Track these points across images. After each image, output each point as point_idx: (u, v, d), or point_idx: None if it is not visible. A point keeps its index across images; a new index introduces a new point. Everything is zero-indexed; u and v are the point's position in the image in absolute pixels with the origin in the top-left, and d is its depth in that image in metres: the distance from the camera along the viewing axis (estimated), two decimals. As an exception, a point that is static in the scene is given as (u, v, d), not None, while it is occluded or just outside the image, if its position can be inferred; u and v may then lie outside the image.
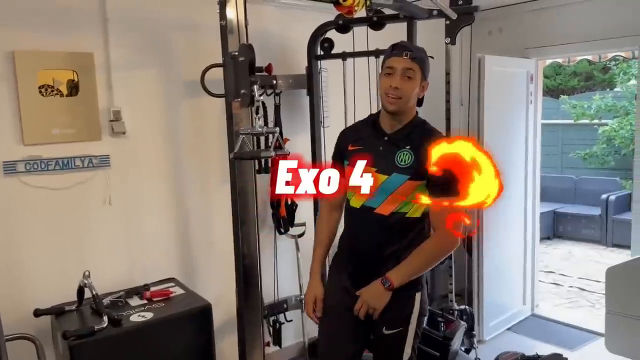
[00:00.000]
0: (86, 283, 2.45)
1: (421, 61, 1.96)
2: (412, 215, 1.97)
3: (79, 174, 2.76)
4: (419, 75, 1.96)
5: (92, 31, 2.76)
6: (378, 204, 1.98)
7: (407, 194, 1.93)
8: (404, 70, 1.93)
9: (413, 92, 1.96)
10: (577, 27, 3.90)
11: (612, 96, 8.66)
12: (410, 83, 1.94)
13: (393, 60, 1.96)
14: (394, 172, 1.94)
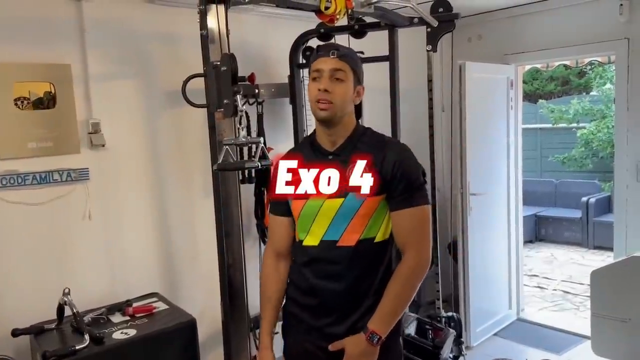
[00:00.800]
0: (66, 300, 2.38)
1: (352, 61, 1.72)
2: (382, 239, 1.70)
3: (57, 188, 2.69)
4: (351, 77, 1.71)
5: (69, 42, 2.70)
6: (339, 234, 1.68)
7: (370, 214, 1.67)
8: (332, 71, 1.67)
9: (346, 96, 1.70)
10: (555, 33, 3.96)
11: (589, 100, 8.81)
12: (342, 86, 1.68)
13: (319, 61, 1.70)
14: (349, 193, 1.67)
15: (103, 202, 2.84)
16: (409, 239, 1.67)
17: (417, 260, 1.67)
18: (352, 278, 1.69)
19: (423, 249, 1.68)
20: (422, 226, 1.69)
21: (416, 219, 1.68)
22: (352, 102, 1.74)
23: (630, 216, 3.64)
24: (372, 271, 1.70)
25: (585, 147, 8.34)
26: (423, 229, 1.69)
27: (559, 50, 4.01)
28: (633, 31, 3.54)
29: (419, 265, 1.67)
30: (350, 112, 1.76)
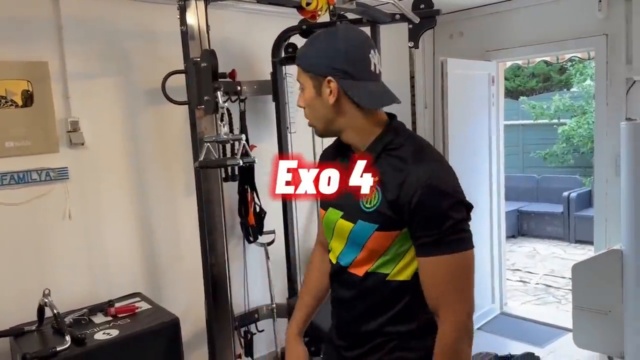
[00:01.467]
0: (46, 301, 2.35)
1: (302, 61, 1.38)
2: (396, 278, 1.35)
3: (36, 187, 2.65)
4: (308, 80, 1.36)
5: (47, 40, 2.66)
6: (350, 260, 1.40)
7: (383, 249, 1.34)
8: (300, 84, 1.40)
9: (311, 104, 1.37)
10: (535, 30, 3.99)
11: (569, 96, 8.92)
12: (303, 96, 1.39)
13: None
14: (359, 219, 1.35)
15: (83, 201, 2.80)
16: (439, 298, 1.30)
17: (455, 330, 1.28)
18: (360, 310, 1.42)
19: (460, 311, 1.29)
20: (458, 280, 1.30)
21: (448, 271, 1.28)
22: (327, 107, 1.35)
23: (610, 210, 3.69)
24: (381, 310, 1.38)
25: (566, 143, 8.46)
26: (459, 284, 1.30)
27: (539, 47, 4.05)
28: (611, 27, 3.59)
29: (458, 337, 1.29)
30: (343, 117, 1.36)
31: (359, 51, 1.34)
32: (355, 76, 1.32)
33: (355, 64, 1.33)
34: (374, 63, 1.35)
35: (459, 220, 1.28)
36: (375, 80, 1.37)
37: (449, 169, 1.35)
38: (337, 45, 1.32)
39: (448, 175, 1.32)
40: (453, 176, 1.34)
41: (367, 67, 1.34)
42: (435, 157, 1.36)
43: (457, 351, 1.29)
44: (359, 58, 1.33)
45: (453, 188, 1.30)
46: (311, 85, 1.36)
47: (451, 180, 1.32)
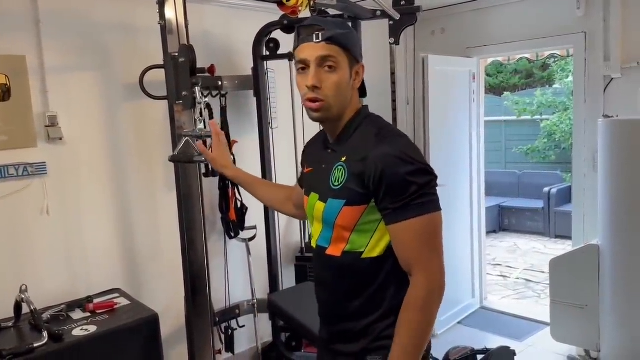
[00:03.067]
0: (23, 297, 2.33)
1: (343, 39, 1.37)
2: (370, 255, 1.39)
3: (13, 182, 2.62)
4: (346, 60, 1.38)
5: (24, 33, 2.62)
6: (328, 242, 1.45)
7: (352, 225, 1.38)
8: (320, 60, 1.36)
9: (341, 87, 1.38)
10: (516, 27, 4.03)
11: (551, 92, 9.01)
12: (334, 76, 1.37)
13: (303, 49, 1.38)
14: (329, 198, 1.41)
15: (62, 197, 2.77)
16: (411, 258, 1.34)
17: (426, 284, 1.32)
18: (340, 293, 1.46)
19: (431, 268, 1.33)
20: (427, 240, 1.34)
21: (417, 233, 1.32)
22: (351, 89, 1.42)
23: (588, 205, 3.75)
24: (359, 291, 1.42)
25: (548, 139, 8.55)
26: (429, 244, 1.34)
27: (519, 44, 4.09)
28: (590, 25, 3.63)
29: (429, 290, 1.32)
30: (353, 100, 1.45)
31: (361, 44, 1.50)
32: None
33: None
34: None
35: (423, 185, 1.32)
36: None
37: (411, 143, 1.40)
38: (356, 33, 1.46)
39: (409, 147, 1.37)
40: (415, 149, 1.38)
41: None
42: (398, 133, 1.43)
43: (427, 305, 1.33)
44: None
45: (415, 157, 1.34)
46: (348, 66, 1.39)
47: (412, 151, 1.35)
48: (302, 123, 3.28)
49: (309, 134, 3.21)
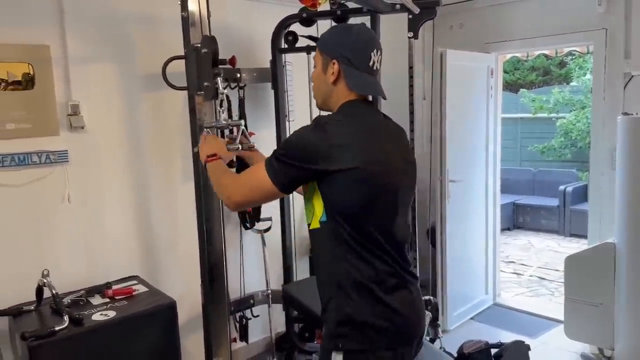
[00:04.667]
0: (45, 282, 2.38)
1: (321, 42, 1.68)
2: (314, 227, 1.58)
3: (36, 170, 2.67)
4: (319, 58, 1.65)
5: (48, 23, 2.67)
6: (310, 217, 1.64)
7: (305, 199, 1.62)
8: (314, 61, 1.71)
9: (317, 80, 1.67)
10: (535, 23, 4.00)
11: (569, 90, 8.92)
12: (314, 71, 1.70)
13: None
14: None
15: (82, 184, 2.82)
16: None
17: (230, 188, 1.67)
18: (317, 265, 1.66)
19: (235, 186, 1.65)
20: (247, 175, 1.68)
21: (251, 169, 1.76)
22: (326, 83, 1.63)
23: (605, 204, 3.72)
24: (320, 261, 1.63)
25: (565, 137, 8.47)
26: (246, 176, 1.67)
27: (538, 40, 4.06)
28: (611, 22, 3.60)
29: (226, 192, 1.68)
30: (336, 95, 1.63)
31: (363, 47, 1.60)
32: (355, 65, 1.59)
33: (357, 55, 1.59)
34: (373, 60, 1.61)
35: (275, 151, 1.57)
36: (371, 74, 1.62)
37: (309, 129, 1.56)
38: (349, 37, 1.61)
39: (300, 129, 1.58)
40: (299, 136, 1.56)
41: (367, 62, 1.60)
42: (315, 121, 1.58)
43: (221, 186, 1.73)
44: (362, 52, 1.59)
45: (291, 136, 1.60)
46: (320, 63, 1.64)
47: (297, 132, 1.58)
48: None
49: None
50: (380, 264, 1.52)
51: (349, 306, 1.51)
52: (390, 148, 1.61)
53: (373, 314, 1.51)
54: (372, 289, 1.51)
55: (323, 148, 1.48)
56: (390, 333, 1.52)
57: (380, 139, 1.59)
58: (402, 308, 1.54)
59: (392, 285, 1.54)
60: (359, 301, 1.51)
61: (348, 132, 1.52)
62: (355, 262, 1.51)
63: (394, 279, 1.55)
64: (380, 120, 1.68)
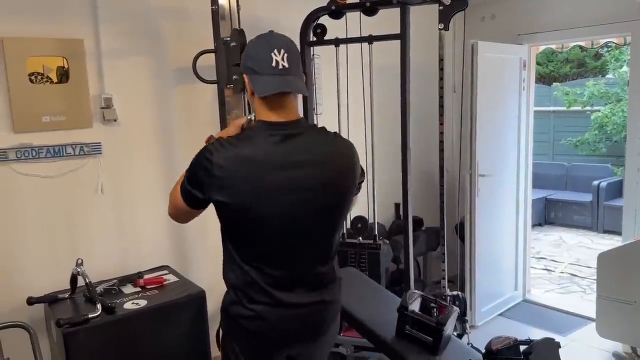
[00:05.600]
0: (79, 271, 2.44)
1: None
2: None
3: (70, 161, 2.74)
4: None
5: (82, 17, 2.72)
6: None
7: None
8: None
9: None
10: (570, 13, 3.90)
11: (604, 83, 8.68)
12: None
13: None
14: None
15: (115, 176, 2.88)
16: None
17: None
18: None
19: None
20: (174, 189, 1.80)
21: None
22: (252, 102, 1.67)
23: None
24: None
25: (599, 131, 8.25)
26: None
27: (573, 31, 3.96)
28: (649, 12, 3.49)
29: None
30: (257, 112, 1.65)
31: (261, 50, 1.58)
32: (258, 72, 1.57)
33: (258, 62, 1.57)
34: (276, 60, 1.56)
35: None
36: (276, 75, 1.57)
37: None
38: (250, 48, 1.64)
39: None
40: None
41: (269, 64, 1.56)
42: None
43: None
44: (261, 56, 1.57)
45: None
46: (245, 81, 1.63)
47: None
48: (346, 109, 3.29)
49: (353, 121, 3.22)
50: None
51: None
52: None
53: None
54: None
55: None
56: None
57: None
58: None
59: None
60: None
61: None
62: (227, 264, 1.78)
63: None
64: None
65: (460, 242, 4.13)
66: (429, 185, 4.21)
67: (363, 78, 3.16)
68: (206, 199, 1.60)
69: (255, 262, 1.63)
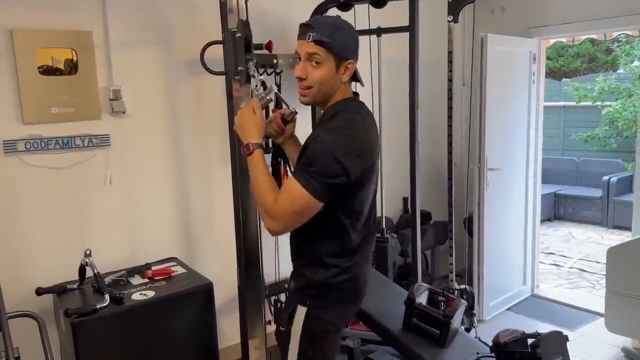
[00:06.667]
0: (87, 262, 2.46)
1: (330, 43, 1.62)
2: None
3: (79, 153, 2.75)
4: (331, 59, 1.64)
5: (91, 9, 2.73)
6: None
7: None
8: (307, 55, 1.65)
9: (325, 79, 1.66)
10: (581, 5, 3.86)
11: (615, 78, 8.59)
12: (319, 70, 1.65)
13: (298, 44, 1.68)
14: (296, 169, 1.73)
15: (123, 168, 2.89)
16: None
17: (270, 211, 1.65)
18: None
19: (274, 211, 1.64)
20: (283, 195, 1.64)
21: (287, 189, 1.65)
22: (337, 81, 1.68)
23: (651, 194, 3.59)
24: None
25: (610, 126, 8.17)
26: (283, 198, 1.63)
27: (585, 24, 3.91)
28: (663, 4, 3.44)
29: (266, 214, 1.68)
30: (341, 89, 1.71)
31: (358, 46, 1.73)
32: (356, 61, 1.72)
33: (358, 54, 1.72)
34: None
35: (307, 164, 1.60)
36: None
37: (345, 137, 1.62)
38: (356, 36, 1.72)
39: (328, 136, 1.62)
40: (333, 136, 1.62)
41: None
42: (343, 125, 1.65)
43: (260, 201, 1.72)
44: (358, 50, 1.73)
45: (324, 147, 1.60)
46: (333, 64, 1.65)
47: (327, 140, 1.61)
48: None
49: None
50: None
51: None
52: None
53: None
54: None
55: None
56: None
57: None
58: None
59: None
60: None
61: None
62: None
63: None
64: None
65: (469, 236, 4.11)
66: (437, 179, 4.19)
67: (372, 71, 3.15)
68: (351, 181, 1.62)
69: (365, 230, 1.78)
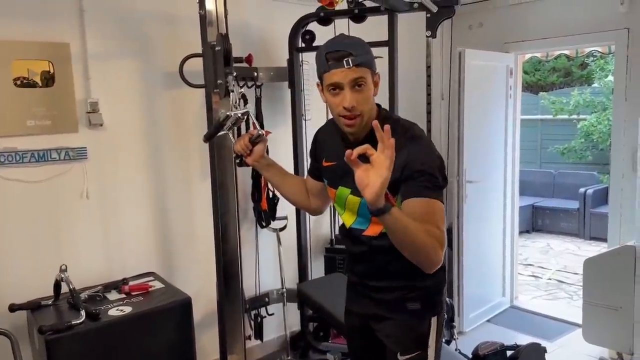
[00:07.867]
0: (63, 277, 2.41)
1: (367, 61, 1.56)
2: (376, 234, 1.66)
3: (55, 166, 2.71)
4: (370, 76, 1.57)
5: (68, 21, 2.70)
6: (365, 226, 1.69)
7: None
8: (353, 82, 1.52)
9: (370, 99, 1.59)
10: (556, 22, 3.95)
11: (590, 92, 8.79)
12: (364, 92, 1.55)
13: (334, 74, 1.53)
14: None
15: (101, 181, 2.86)
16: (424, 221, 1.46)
17: (443, 242, 1.45)
18: (375, 265, 1.73)
19: (443, 238, 1.46)
20: (433, 216, 1.48)
21: (424, 208, 1.48)
22: (374, 97, 1.62)
23: (625, 206, 3.65)
24: (393, 257, 1.54)
25: (585, 139, 8.34)
26: (434, 218, 1.48)
27: (559, 40, 4.00)
28: (633, 21, 3.53)
29: (433, 242, 1.42)
30: (373, 107, 1.63)
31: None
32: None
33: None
34: None
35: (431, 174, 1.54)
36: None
37: (430, 142, 1.67)
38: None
39: (429, 146, 1.63)
40: (437, 155, 1.62)
41: None
42: (419, 134, 1.64)
43: (425, 237, 1.42)
44: None
45: (429, 150, 1.61)
46: (371, 80, 1.58)
47: (426, 145, 1.62)
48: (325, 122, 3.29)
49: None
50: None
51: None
52: None
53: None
54: None
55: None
56: None
57: None
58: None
59: None
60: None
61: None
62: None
63: None
64: None
65: (448, 248, 4.14)
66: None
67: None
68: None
69: None
